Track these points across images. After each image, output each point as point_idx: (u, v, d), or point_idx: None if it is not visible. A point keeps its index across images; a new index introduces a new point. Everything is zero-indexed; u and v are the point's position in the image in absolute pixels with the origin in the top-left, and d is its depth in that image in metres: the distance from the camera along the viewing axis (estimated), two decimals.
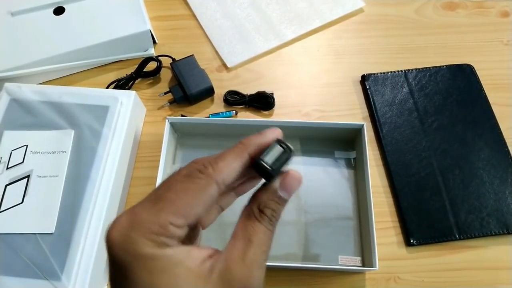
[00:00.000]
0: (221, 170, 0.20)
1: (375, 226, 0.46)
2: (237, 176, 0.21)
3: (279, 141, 0.22)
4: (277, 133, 0.24)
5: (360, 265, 0.49)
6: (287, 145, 0.22)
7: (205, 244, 0.49)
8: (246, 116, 0.59)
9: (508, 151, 0.56)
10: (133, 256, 0.18)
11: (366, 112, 0.60)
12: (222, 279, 0.19)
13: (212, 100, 0.61)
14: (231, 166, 0.21)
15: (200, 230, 0.25)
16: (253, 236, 0.21)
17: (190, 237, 0.23)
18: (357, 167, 0.54)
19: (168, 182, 0.20)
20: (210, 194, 0.20)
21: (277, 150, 0.22)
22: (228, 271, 0.19)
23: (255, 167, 0.22)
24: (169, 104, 0.60)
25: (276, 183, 0.22)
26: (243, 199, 0.25)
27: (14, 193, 0.46)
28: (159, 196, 0.20)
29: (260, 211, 0.22)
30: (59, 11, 0.61)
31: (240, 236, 0.21)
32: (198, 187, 0.20)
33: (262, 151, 0.22)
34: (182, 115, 0.59)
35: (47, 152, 0.49)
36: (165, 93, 0.60)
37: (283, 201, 0.23)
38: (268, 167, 0.22)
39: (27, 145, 0.49)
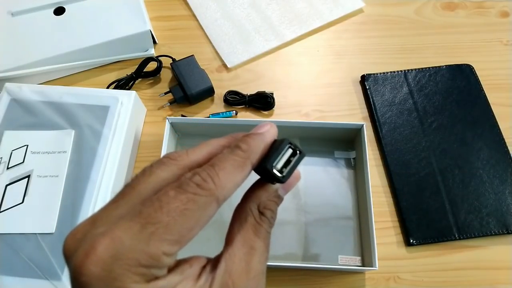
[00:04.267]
0: (224, 185, 0.17)
1: (375, 226, 0.46)
2: (238, 185, 0.19)
3: (289, 143, 0.20)
4: (273, 132, 0.22)
5: (360, 265, 0.49)
6: (297, 147, 0.20)
7: (205, 244, 0.48)
8: (246, 116, 0.60)
9: (507, 151, 0.56)
10: None
11: (366, 112, 0.60)
12: None
13: (212, 100, 0.61)
14: (234, 180, 0.18)
15: None
16: (255, 242, 0.19)
17: None
18: (357, 167, 0.54)
19: (156, 198, 0.16)
20: (210, 214, 0.17)
21: (287, 154, 0.20)
22: (232, 286, 0.17)
23: (261, 172, 0.20)
24: (169, 104, 0.60)
25: (278, 184, 0.21)
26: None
27: (14, 193, 0.46)
28: (147, 216, 0.15)
29: (261, 213, 0.20)
30: (59, 11, 0.62)
31: (239, 243, 0.19)
32: (197, 207, 0.16)
33: (268, 154, 0.20)
34: (182, 115, 0.59)
35: (47, 152, 0.49)
36: (165, 93, 0.60)
37: (281, 201, 0.21)
38: (280, 175, 0.19)
39: (27, 145, 0.49)
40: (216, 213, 0.20)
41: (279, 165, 0.19)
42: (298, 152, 0.20)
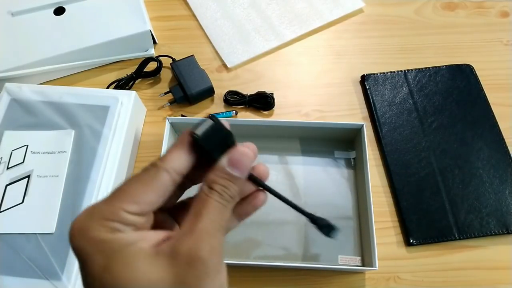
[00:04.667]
0: (168, 159, 0.21)
1: (375, 226, 0.46)
2: (189, 163, 0.22)
3: (211, 117, 0.22)
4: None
5: (360, 264, 0.49)
6: (219, 121, 0.22)
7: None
8: (246, 116, 0.60)
9: (507, 151, 0.56)
10: (88, 241, 0.19)
11: (366, 112, 0.60)
12: (170, 253, 0.19)
13: (212, 100, 0.61)
14: (177, 153, 0.21)
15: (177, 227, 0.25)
16: (202, 210, 0.20)
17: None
18: (357, 167, 0.54)
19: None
20: (161, 180, 0.20)
21: (208, 123, 0.21)
22: (176, 245, 0.19)
23: (197, 148, 0.22)
24: (169, 104, 0.60)
25: (223, 160, 0.22)
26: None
27: (14, 193, 0.46)
28: (115, 189, 0.21)
29: (209, 187, 0.21)
30: (59, 11, 0.62)
31: (190, 214, 0.21)
32: (148, 176, 0.21)
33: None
34: (182, 115, 0.59)
35: (47, 152, 0.49)
36: (165, 93, 0.60)
37: (234, 178, 0.21)
38: (197, 136, 0.21)
39: (27, 145, 0.49)
40: None
41: (199, 132, 0.21)
42: (218, 123, 0.21)
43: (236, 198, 0.22)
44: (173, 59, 0.62)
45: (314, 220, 0.27)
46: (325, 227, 0.27)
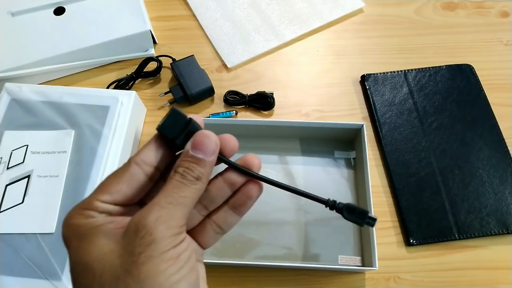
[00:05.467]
0: (139, 153, 0.23)
1: (375, 226, 0.46)
2: (159, 154, 0.23)
3: (172, 108, 0.23)
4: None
5: (360, 264, 0.49)
6: (177, 110, 0.23)
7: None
8: (246, 116, 0.60)
9: (507, 151, 0.56)
10: (68, 228, 0.21)
11: (366, 112, 0.60)
12: (125, 227, 0.20)
13: (212, 100, 0.61)
14: (146, 146, 0.23)
15: None
16: (163, 188, 0.21)
17: None
18: (357, 167, 0.54)
19: None
20: (131, 172, 0.22)
21: (168, 114, 0.23)
22: (130, 219, 0.20)
23: (166, 141, 0.23)
24: (169, 104, 0.60)
25: (187, 145, 0.22)
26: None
27: (14, 193, 0.46)
28: (98, 185, 0.23)
29: (174, 171, 0.22)
30: (59, 11, 0.62)
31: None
32: (121, 169, 0.22)
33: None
34: None
35: (47, 152, 0.49)
36: (165, 93, 0.60)
37: (197, 160, 0.22)
38: (158, 127, 0.22)
39: (27, 145, 0.49)
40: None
41: (161, 123, 0.23)
42: (178, 112, 0.23)
43: (203, 179, 0.22)
44: (173, 59, 0.62)
45: (336, 207, 0.27)
46: (355, 214, 0.26)
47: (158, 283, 0.18)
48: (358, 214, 0.26)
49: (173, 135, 0.22)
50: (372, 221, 0.26)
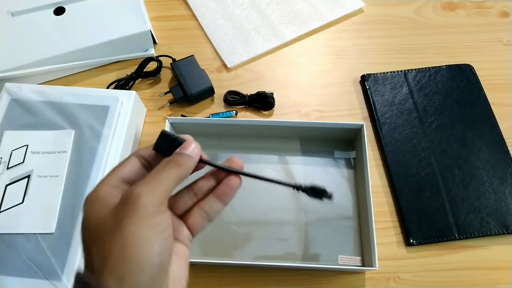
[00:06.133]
0: (139, 149, 0.28)
1: (375, 226, 0.46)
2: (152, 153, 0.28)
3: (162, 131, 0.28)
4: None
5: (360, 264, 0.49)
6: (165, 132, 0.28)
7: (209, 243, 0.49)
8: (246, 116, 0.60)
9: (507, 151, 0.56)
10: (86, 198, 0.26)
11: (366, 112, 0.60)
12: (119, 200, 0.25)
13: (212, 100, 0.61)
14: (145, 147, 0.29)
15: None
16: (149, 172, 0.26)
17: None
18: (357, 167, 0.54)
19: None
20: (131, 161, 0.27)
21: (160, 136, 0.28)
22: (122, 193, 0.25)
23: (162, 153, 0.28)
24: (169, 104, 0.60)
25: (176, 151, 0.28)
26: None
27: (14, 193, 0.46)
28: None
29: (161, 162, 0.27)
30: (59, 11, 0.62)
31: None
32: (125, 159, 0.28)
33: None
34: (182, 115, 0.59)
35: (47, 152, 0.49)
36: (165, 93, 0.60)
37: (182, 154, 0.27)
38: (154, 147, 0.28)
39: (27, 145, 0.49)
40: (225, 218, 0.28)
41: (155, 143, 0.28)
42: (168, 134, 0.28)
43: (183, 167, 0.26)
44: (173, 59, 0.62)
45: (301, 188, 0.31)
46: (316, 192, 0.31)
47: (136, 237, 0.22)
48: (317, 192, 0.31)
49: (164, 150, 0.28)
50: (329, 197, 0.32)
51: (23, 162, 0.48)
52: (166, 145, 0.28)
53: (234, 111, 0.59)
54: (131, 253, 0.22)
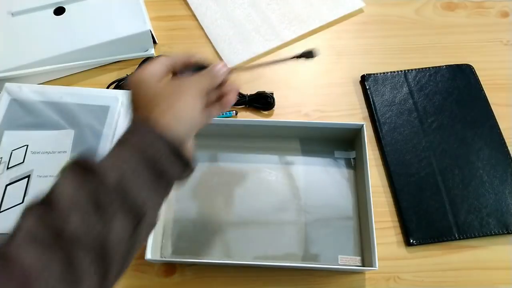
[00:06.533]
0: (170, 55, 0.37)
1: (375, 226, 0.46)
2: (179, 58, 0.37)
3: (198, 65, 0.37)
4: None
5: (360, 265, 0.49)
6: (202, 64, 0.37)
7: (209, 243, 0.48)
8: (246, 116, 0.60)
9: (507, 151, 0.56)
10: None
11: (366, 112, 0.60)
12: None
13: None
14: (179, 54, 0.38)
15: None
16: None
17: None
18: (357, 167, 0.54)
19: None
20: (161, 59, 0.36)
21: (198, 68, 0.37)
22: None
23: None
24: None
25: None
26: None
27: (14, 193, 0.46)
28: None
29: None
30: (59, 11, 0.62)
31: None
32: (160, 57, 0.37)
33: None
34: None
35: (47, 152, 0.49)
36: None
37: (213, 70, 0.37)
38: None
39: (27, 145, 0.49)
40: (225, 217, 0.22)
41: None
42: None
43: (216, 79, 0.37)
44: None
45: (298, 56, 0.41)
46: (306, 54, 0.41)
47: (191, 103, 0.34)
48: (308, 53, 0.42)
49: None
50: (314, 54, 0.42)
51: (23, 162, 0.48)
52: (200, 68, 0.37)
53: (234, 111, 0.59)
54: (184, 111, 0.33)
